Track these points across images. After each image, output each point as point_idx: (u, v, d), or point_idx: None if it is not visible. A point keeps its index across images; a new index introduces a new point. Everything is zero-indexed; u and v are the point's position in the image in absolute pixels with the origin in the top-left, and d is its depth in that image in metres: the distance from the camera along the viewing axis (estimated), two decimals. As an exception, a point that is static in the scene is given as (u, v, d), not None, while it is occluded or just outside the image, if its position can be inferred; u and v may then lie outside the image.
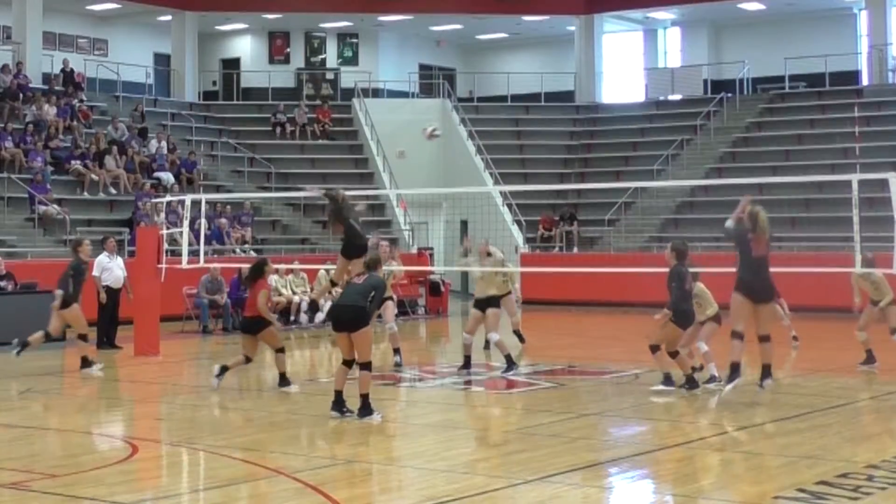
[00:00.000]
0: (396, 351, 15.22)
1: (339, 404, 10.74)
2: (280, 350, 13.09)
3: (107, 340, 17.36)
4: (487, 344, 16.86)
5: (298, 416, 11.45)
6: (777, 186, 26.22)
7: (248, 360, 12.99)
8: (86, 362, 14.70)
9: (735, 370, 11.33)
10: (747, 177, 26.37)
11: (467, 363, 14.61)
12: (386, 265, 14.14)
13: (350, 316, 10.51)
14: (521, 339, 17.75)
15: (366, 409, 10.59)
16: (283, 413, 11.61)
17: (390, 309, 15.56)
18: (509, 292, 17.64)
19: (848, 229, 13.31)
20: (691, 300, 12.20)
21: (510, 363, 14.28)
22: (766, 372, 11.46)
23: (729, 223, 11.61)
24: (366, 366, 10.59)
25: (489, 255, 15.03)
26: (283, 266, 21.31)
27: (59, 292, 14.69)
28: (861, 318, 14.34)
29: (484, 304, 14.60)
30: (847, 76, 32.12)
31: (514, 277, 18.51)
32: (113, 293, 17.32)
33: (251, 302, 12.98)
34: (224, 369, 12.88)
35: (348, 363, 10.70)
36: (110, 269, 17.36)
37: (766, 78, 33.28)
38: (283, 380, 12.96)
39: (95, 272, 17.15)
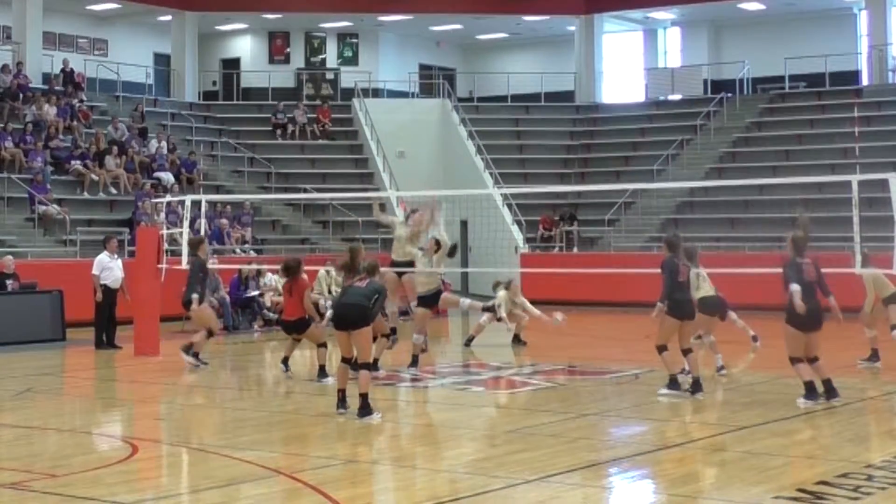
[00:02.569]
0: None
1: (343, 402, 10.81)
2: (322, 345, 13.49)
3: (106, 340, 17.39)
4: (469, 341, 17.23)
5: (298, 416, 11.45)
6: (777, 187, 26.24)
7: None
8: (189, 349, 14.89)
9: (811, 389, 11.28)
10: (747, 177, 26.42)
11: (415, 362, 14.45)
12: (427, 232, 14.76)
13: (355, 314, 10.55)
14: (522, 343, 17.73)
15: (365, 409, 10.59)
16: (282, 413, 11.61)
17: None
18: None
19: (848, 229, 13.30)
20: (687, 291, 12.15)
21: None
22: (830, 387, 11.37)
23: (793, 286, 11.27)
24: (365, 366, 10.62)
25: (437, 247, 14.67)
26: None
27: (194, 296, 14.87)
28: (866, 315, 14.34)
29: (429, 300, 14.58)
30: (847, 76, 32.11)
31: (517, 291, 18.16)
32: (110, 293, 17.31)
33: (295, 303, 13.49)
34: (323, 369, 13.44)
35: (347, 361, 10.74)
36: (111, 268, 17.36)
37: (766, 78, 33.28)
38: (322, 372, 13.28)
39: (95, 271, 17.21)
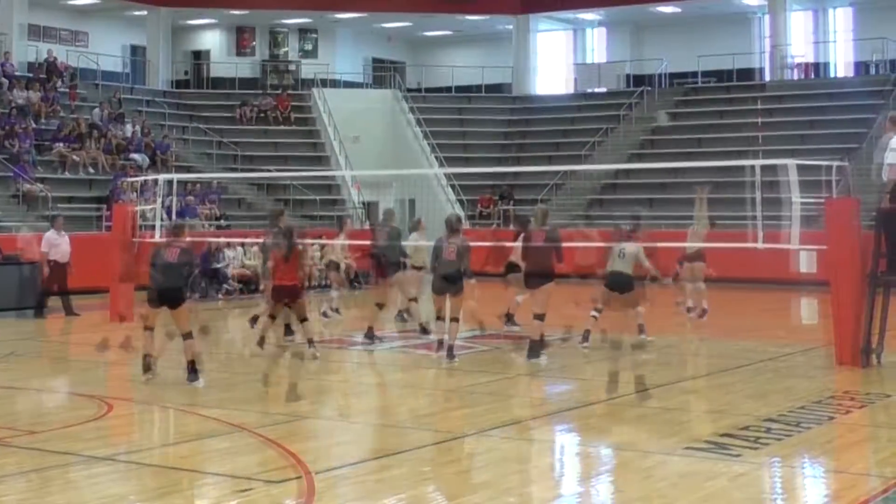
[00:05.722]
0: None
1: (148, 366, 10.60)
2: (304, 320, 12.24)
3: (64, 309, 17.00)
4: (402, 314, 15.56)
5: (257, 377, 11.27)
6: (689, 170, 26.37)
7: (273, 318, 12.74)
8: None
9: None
10: (663, 161, 26.55)
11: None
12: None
13: (171, 296, 10.39)
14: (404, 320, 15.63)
15: (193, 374, 10.38)
16: (243, 374, 11.45)
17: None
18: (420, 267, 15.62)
19: (751, 208, 13.41)
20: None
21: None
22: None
23: None
24: (188, 335, 10.46)
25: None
26: (249, 240, 21.06)
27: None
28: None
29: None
30: (751, 73, 32.38)
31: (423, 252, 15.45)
32: (60, 267, 16.99)
33: (290, 269, 11.83)
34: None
35: (150, 329, 10.68)
36: (58, 245, 17.06)
37: (681, 73, 33.36)
38: (311, 343, 12.08)
39: (44, 248, 16.95)
